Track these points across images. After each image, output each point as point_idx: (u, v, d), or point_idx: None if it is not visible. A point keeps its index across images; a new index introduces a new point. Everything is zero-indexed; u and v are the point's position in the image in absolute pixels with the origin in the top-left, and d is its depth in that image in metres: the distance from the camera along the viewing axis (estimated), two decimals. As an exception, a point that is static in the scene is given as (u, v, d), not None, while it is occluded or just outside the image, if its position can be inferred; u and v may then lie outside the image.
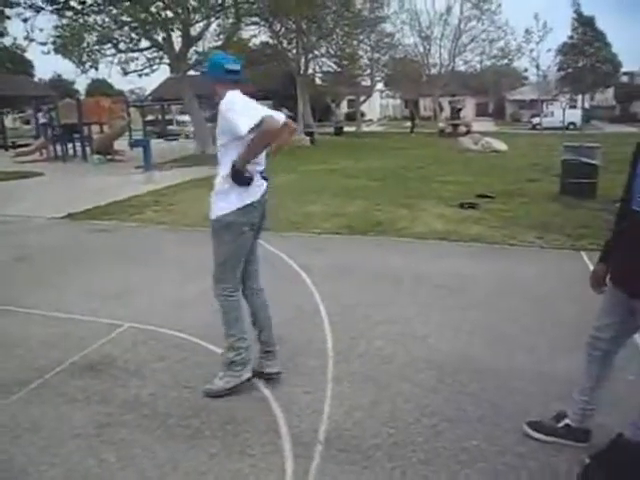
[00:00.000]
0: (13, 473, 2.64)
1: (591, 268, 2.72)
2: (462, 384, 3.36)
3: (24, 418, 3.09)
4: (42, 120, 21.45)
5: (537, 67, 41.60)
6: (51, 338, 4.17)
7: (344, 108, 50.99)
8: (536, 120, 39.32)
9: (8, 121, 38.10)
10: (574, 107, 45.01)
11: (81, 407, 3.20)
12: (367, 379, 3.45)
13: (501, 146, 19.76)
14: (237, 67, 3.18)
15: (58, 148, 20.02)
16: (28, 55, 40.37)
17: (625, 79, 52.83)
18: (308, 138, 24.57)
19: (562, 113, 35.38)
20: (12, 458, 2.75)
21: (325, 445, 2.80)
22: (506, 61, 41.92)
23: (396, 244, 6.91)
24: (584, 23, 46.62)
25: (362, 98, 40.73)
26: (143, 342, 4.07)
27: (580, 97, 49.33)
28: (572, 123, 36.34)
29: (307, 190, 10.82)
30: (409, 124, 36.56)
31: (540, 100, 43.21)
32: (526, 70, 50.19)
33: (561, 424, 2.78)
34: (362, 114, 43.18)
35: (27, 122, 44.06)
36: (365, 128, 40.24)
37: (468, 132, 26.83)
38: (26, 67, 42.22)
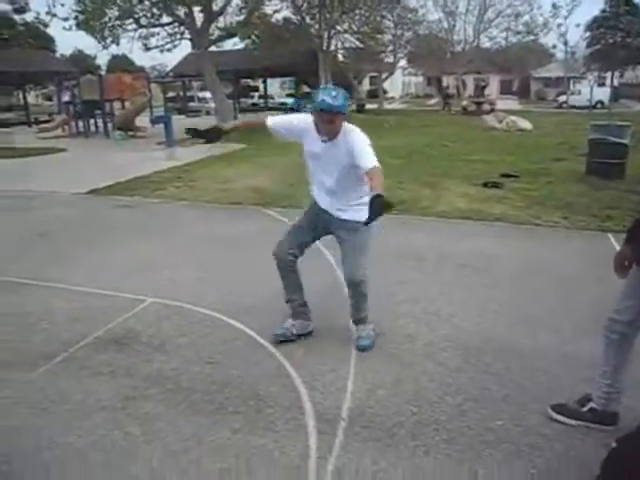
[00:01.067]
0: (41, 444, 2.68)
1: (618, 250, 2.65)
2: (486, 364, 3.34)
3: (51, 391, 3.13)
4: (65, 98, 21.49)
5: (565, 43, 40.48)
6: (75, 312, 4.22)
7: (366, 85, 50.38)
8: (562, 98, 38.29)
9: (30, 97, 38.37)
10: (602, 85, 43.82)
11: (106, 380, 3.24)
12: (390, 357, 3.44)
13: (526, 125, 19.37)
14: None
15: (80, 124, 20.17)
16: (49, 31, 40.49)
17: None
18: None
19: (590, 91, 34.41)
20: (40, 429, 2.80)
21: (348, 422, 2.80)
22: (532, 37, 40.82)
23: (419, 222, 6.84)
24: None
25: (384, 75, 40.18)
26: (166, 317, 4.10)
27: (609, 74, 48.01)
28: (600, 102, 35.35)
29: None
30: (438, 100, 35.99)
31: (566, 78, 42.15)
32: (554, 47, 48.89)
33: (586, 408, 2.74)
34: (384, 91, 42.63)
35: (49, 98, 44.23)
36: (387, 105, 39.73)
37: (492, 110, 26.34)
38: (48, 43, 42.20)
